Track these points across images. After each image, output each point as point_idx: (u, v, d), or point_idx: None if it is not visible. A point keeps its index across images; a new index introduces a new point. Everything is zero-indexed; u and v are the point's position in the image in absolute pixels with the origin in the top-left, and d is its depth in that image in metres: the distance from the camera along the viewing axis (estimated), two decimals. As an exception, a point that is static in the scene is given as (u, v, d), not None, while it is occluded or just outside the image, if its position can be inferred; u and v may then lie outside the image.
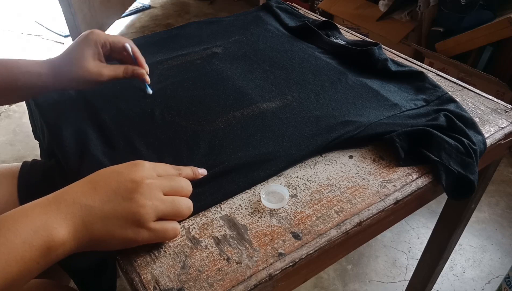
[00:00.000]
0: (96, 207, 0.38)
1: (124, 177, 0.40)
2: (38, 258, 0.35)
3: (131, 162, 0.43)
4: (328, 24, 0.84)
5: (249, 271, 0.41)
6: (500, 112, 0.64)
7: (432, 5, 1.77)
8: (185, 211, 0.44)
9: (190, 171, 0.49)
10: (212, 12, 2.92)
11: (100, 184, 0.40)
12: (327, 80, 0.69)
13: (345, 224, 0.46)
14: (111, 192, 0.39)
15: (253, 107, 0.62)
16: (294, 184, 0.51)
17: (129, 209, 0.39)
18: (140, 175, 0.41)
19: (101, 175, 0.41)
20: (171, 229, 0.42)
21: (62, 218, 0.37)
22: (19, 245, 0.34)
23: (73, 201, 0.38)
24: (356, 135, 0.56)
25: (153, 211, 0.40)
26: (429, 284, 0.94)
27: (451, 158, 0.52)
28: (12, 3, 3.03)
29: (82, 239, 0.38)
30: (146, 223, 0.40)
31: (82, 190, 0.39)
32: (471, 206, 0.74)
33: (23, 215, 0.36)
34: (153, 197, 0.40)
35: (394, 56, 0.78)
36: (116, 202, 0.39)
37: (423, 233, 1.36)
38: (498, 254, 1.30)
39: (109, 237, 0.39)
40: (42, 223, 0.36)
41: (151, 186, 0.40)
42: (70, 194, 0.39)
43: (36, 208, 0.37)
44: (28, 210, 0.37)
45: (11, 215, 0.36)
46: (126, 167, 0.42)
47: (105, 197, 0.39)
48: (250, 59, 0.75)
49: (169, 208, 0.42)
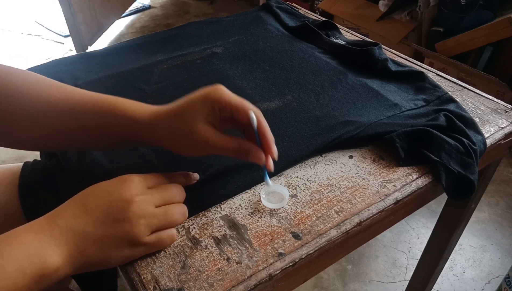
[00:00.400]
0: (89, 231, 0.38)
1: (114, 196, 0.40)
2: (32, 284, 0.35)
3: (120, 178, 0.41)
4: (328, 24, 0.84)
5: (249, 271, 0.41)
6: (500, 112, 0.64)
7: (432, 5, 1.77)
8: (179, 219, 0.43)
9: (182, 177, 0.48)
10: (212, 12, 2.92)
11: (91, 206, 0.39)
12: (327, 80, 0.69)
13: (345, 224, 0.46)
14: (103, 214, 0.39)
15: (253, 107, 0.62)
16: (294, 184, 0.51)
17: (122, 229, 0.39)
18: (130, 192, 0.40)
19: (91, 195, 0.40)
20: (167, 237, 0.42)
21: (56, 245, 0.37)
22: (12, 272, 0.34)
23: (66, 227, 0.37)
24: (356, 135, 0.56)
25: (146, 227, 0.40)
26: (429, 284, 0.94)
27: (451, 158, 0.52)
28: (12, 3, 3.03)
29: (78, 263, 0.38)
30: (141, 240, 0.40)
31: (73, 214, 0.39)
32: (471, 206, 0.74)
33: (17, 241, 0.36)
34: (145, 213, 0.40)
35: (394, 56, 0.78)
36: (108, 224, 0.38)
37: (423, 233, 1.36)
38: (498, 254, 1.30)
39: (105, 259, 0.39)
40: (35, 251, 0.35)
41: (142, 202, 0.40)
42: (63, 219, 0.38)
43: (30, 233, 0.37)
44: (21, 236, 0.36)
45: (4, 240, 0.35)
46: (115, 185, 0.41)
47: (97, 220, 0.38)
48: (250, 59, 0.75)
49: (163, 220, 0.41)
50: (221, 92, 0.44)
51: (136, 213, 0.39)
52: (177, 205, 0.44)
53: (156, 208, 0.41)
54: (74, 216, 0.38)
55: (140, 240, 0.40)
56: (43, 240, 0.36)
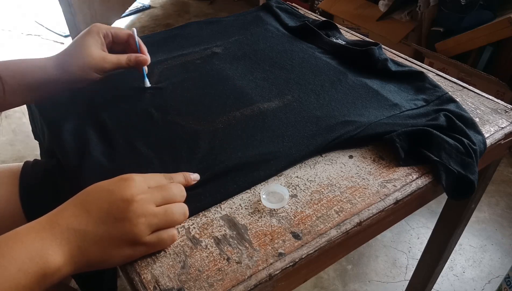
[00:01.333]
0: (90, 231, 0.38)
1: (114, 196, 0.39)
2: (33, 284, 0.35)
3: (121, 177, 0.42)
4: (328, 24, 0.84)
5: (249, 271, 0.41)
6: (500, 112, 0.64)
7: (432, 5, 1.77)
8: (179, 218, 0.43)
9: (182, 178, 0.48)
10: (212, 12, 2.92)
11: (91, 206, 0.39)
12: (327, 80, 0.69)
13: (345, 224, 0.46)
14: (104, 213, 0.39)
15: (253, 107, 0.62)
16: (294, 184, 0.51)
17: (123, 229, 0.39)
18: (130, 192, 0.40)
19: (91, 194, 0.40)
20: (167, 237, 0.42)
21: (57, 244, 0.37)
22: (14, 272, 0.34)
23: (66, 226, 0.38)
24: (356, 135, 0.56)
25: (146, 226, 0.40)
26: (429, 284, 0.94)
27: (451, 157, 0.52)
28: (12, 3, 3.03)
29: (79, 263, 0.38)
30: (142, 239, 0.40)
31: (74, 213, 0.39)
32: (471, 206, 0.74)
33: (18, 241, 0.36)
34: (146, 212, 0.40)
35: (394, 56, 0.78)
36: (109, 223, 0.38)
37: (423, 233, 1.36)
38: (498, 254, 1.30)
39: (106, 258, 0.39)
40: (37, 250, 0.36)
41: (143, 201, 0.40)
42: (63, 218, 0.38)
43: (31, 233, 0.37)
44: (22, 236, 0.36)
45: (5, 241, 0.36)
46: (116, 184, 0.41)
47: (98, 220, 0.38)
48: (250, 59, 0.75)
49: (163, 219, 0.41)
50: (99, 25, 0.61)
51: (136, 212, 0.39)
52: (178, 204, 0.44)
53: (157, 207, 0.41)
54: (74, 215, 0.38)
55: (141, 239, 0.40)
56: (45, 239, 0.36)
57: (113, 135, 0.57)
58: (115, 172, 0.43)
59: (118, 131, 0.58)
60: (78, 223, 0.38)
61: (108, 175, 0.43)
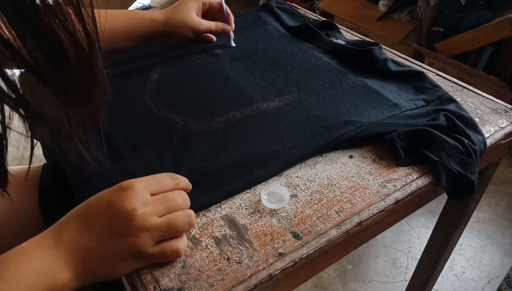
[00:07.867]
0: (93, 246, 0.38)
1: (114, 208, 0.39)
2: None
3: (121, 186, 0.40)
4: (328, 24, 0.84)
5: (249, 271, 0.41)
6: (500, 112, 0.64)
7: (432, 5, 1.77)
8: (183, 227, 0.41)
9: (187, 184, 0.46)
10: (212, 12, 2.92)
11: (92, 220, 0.39)
12: (327, 80, 0.69)
13: (345, 224, 0.46)
14: (105, 228, 0.38)
15: (253, 107, 0.62)
16: (294, 184, 0.51)
17: (126, 244, 0.38)
18: (131, 204, 0.38)
19: (92, 206, 0.40)
20: (171, 252, 0.41)
21: (63, 262, 0.37)
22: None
23: (70, 242, 0.38)
24: (356, 135, 0.56)
25: (149, 239, 0.39)
26: (429, 284, 0.94)
27: (451, 157, 0.52)
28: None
29: (85, 277, 0.38)
30: (145, 251, 0.39)
31: (76, 228, 0.38)
32: (471, 206, 0.74)
33: (25, 259, 0.36)
34: (148, 226, 0.39)
35: (394, 56, 0.78)
36: (111, 239, 0.38)
37: (423, 233, 1.36)
38: (498, 254, 1.30)
39: (111, 272, 0.39)
40: (44, 268, 0.36)
41: (144, 215, 0.39)
42: (67, 232, 0.38)
43: (37, 250, 0.37)
44: (29, 253, 0.37)
45: (13, 259, 0.36)
46: (115, 195, 0.39)
47: (100, 235, 0.38)
48: (250, 59, 0.75)
49: (165, 231, 0.40)
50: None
51: (138, 227, 0.38)
52: (180, 213, 0.41)
53: (159, 218, 0.40)
54: (77, 230, 0.38)
55: (145, 251, 0.39)
56: (51, 256, 0.37)
57: (113, 136, 0.57)
58: (115, 172, 0.43)
59: (118, 132, 0.58)
60: (81, 238, 0.38)
61: (108, 175, 0.43)
